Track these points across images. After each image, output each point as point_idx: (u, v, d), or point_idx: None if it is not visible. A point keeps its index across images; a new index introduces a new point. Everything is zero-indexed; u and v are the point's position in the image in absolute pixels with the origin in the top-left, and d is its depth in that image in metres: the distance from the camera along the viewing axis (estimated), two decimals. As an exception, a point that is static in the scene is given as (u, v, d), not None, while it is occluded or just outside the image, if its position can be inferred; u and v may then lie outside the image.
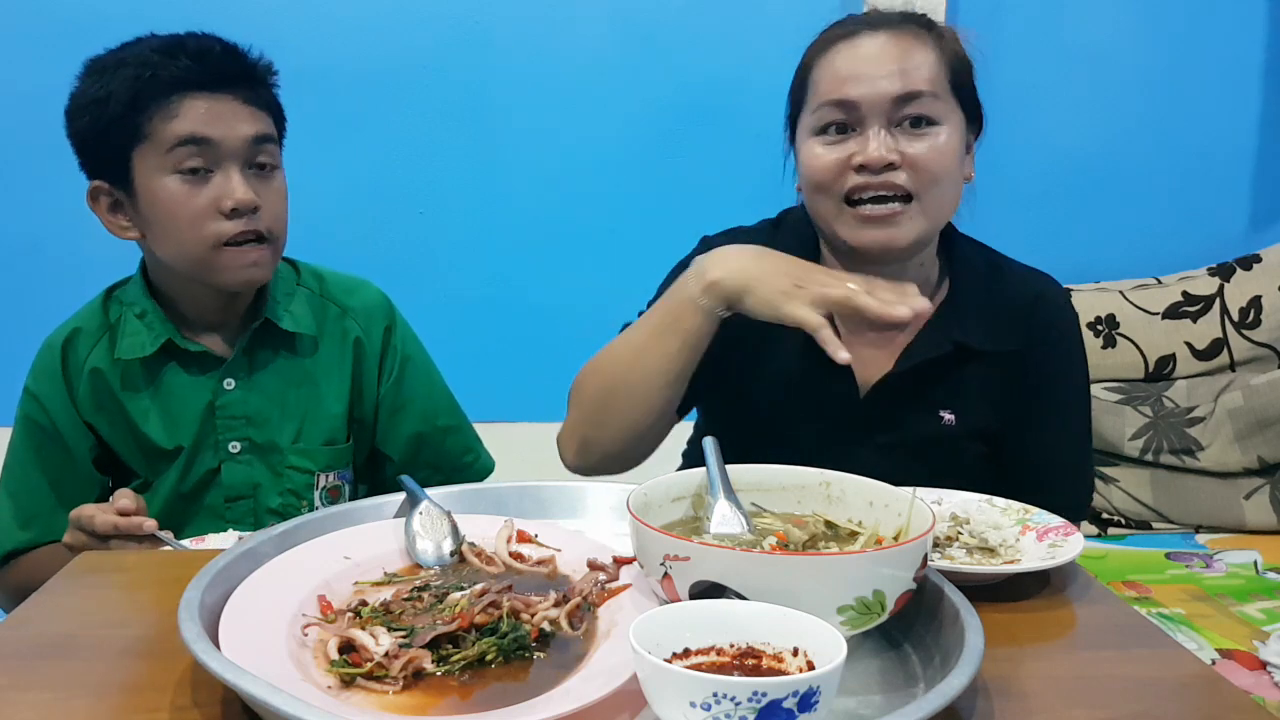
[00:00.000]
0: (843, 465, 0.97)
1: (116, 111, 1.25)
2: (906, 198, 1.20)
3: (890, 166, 1.19)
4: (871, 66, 1.20)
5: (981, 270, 1.33)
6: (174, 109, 1.25)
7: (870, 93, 1.19)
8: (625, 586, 0.88)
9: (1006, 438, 1.32)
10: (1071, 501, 1.30)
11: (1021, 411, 1.31)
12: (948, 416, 1.30)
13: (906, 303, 1.11)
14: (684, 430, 1.40)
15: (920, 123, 1.21)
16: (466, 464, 1.52)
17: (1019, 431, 1.31)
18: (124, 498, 1.19)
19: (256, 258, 1.30)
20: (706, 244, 1.40)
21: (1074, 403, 1.36)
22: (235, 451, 1.37)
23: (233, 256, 1.29)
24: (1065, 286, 2.68)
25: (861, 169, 1.20)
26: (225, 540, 1.22)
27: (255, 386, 1.37)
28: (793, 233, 1.37)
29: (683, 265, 1.42)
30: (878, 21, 1.24)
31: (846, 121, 1.22)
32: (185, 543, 1.22)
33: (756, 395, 1.31)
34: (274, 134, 1.34)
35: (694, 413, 1.37)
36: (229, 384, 1.36)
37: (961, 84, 1.25)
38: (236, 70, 1.30)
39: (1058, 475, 1.32)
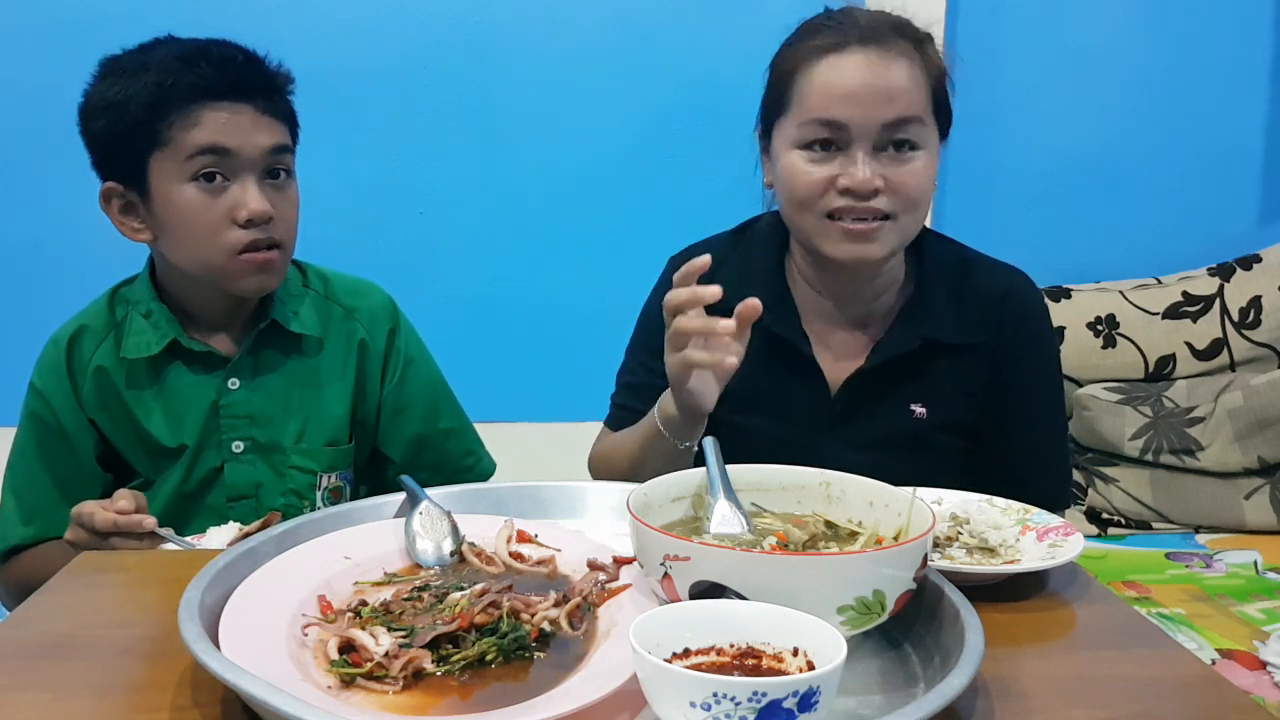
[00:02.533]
0: (816, 463, 0.98)
1: (136, 116, 1.25)
2: (885, 216, 1.23)
3: (875, 191, 1.22)
4: (863, 88, 1.21)
5: (950, 266, 1.35)
6: (194, 117, 1.25)
7: (861, 117, 1.21)
8: (625, 586, 0.88)
9: (981, 431, 1.34)
10: (1049, 492, 1.31)
11: (995, 405, 1.33)
12: (919, 410, 1.32)
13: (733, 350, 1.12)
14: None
15: (904, 146, 1.23)
16: (467, 466, 1.52)
17: (993, 425, 1.33)
18: (122, 499, 1.19)
19: (268, 265, 1.31)
20: (673, 263, 1.41)
21: (1047, 395, 1.38)
22: (238, 451, 1.37)
23: (245, 264, 1.29)
24: (1065, 286, 2.68)
25: (846, 191, 1.22)
26: (226, 532, 1.22)
27: (259, 386, 1.37)
28: (762, 242, 1.39)
29: (657, 288, 1.43)
30: (869, 35, 1.23)
31: (832, 140, 1.23)
32: (187, 539, 1.22)
33: (727, 403, 1.31)
34: (290, 144, 1.34)
35: None
36: (233, 384, 1.36)
37: (940, 100, 1.27)
38: (257, 80, 1.30)
39: (1034, 467, 1.34)
